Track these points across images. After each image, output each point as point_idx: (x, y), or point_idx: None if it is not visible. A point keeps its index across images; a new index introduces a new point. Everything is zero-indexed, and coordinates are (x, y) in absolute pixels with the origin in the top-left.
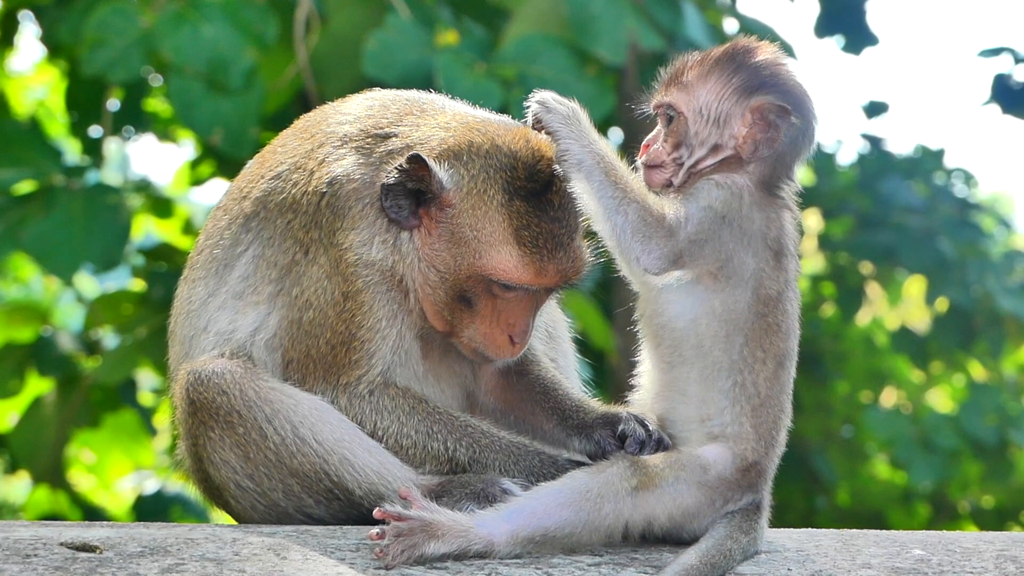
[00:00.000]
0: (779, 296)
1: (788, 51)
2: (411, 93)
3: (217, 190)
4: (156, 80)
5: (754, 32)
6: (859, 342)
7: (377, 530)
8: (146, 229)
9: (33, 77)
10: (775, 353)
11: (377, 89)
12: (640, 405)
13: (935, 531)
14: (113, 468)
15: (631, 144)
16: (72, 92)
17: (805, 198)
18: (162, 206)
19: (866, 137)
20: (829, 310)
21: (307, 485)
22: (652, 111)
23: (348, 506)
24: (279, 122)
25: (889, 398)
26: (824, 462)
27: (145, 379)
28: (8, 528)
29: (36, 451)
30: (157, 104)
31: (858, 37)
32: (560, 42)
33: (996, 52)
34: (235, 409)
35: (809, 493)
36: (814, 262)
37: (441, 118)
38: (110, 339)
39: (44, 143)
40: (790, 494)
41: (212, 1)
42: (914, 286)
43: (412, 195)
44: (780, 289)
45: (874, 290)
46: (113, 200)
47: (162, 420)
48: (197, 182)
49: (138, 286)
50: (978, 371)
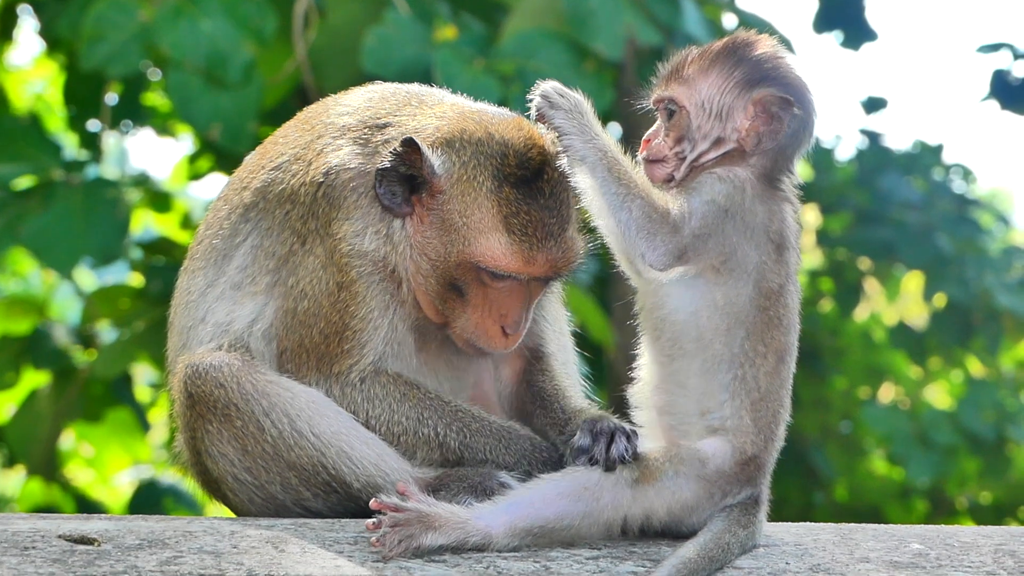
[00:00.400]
0: (780, 289)
1: (787, 46)
2: (412, 86)
3: (215, 185)
4: (155, 74)
5: (753, 27)
6: (857, 338)
7: (374, 520)
8: (145, 223)
9: (32, 71)
10: (776, 347)
11: (379, 82)
12: (640, 398)
13: (933, 525)
14: (111, 462)
15: (630, 139)
16: (71, 86)
17: (804, 193)
18: (161, 200)
19: (865, 133)
20: (827, 306)
21: (305, 478)
22: (652, 106)
23: (346, 499)
24: (277, 117)
25: (887, 394)
26: (822, 458)
27: (142, 373)
28: (6, 521)
29: (31, 444)
30: (156, 98)
31: (857, 32)
32: (558, 37)
33: (995, 48)
34: (233, 402)
35: (807, 488)
36: (812, 258)
37: (438, 108)
38: (107, 333)
39: (43, 138)
40: (788, 490)
41: None
42: (912, 282)
43: (405, 181)
44: (782, 282)
45: (872, 286)
46: (112, 194)
47: (158, 415)
48: (195, 176)
49: (136, 280)
50: (976, 367)
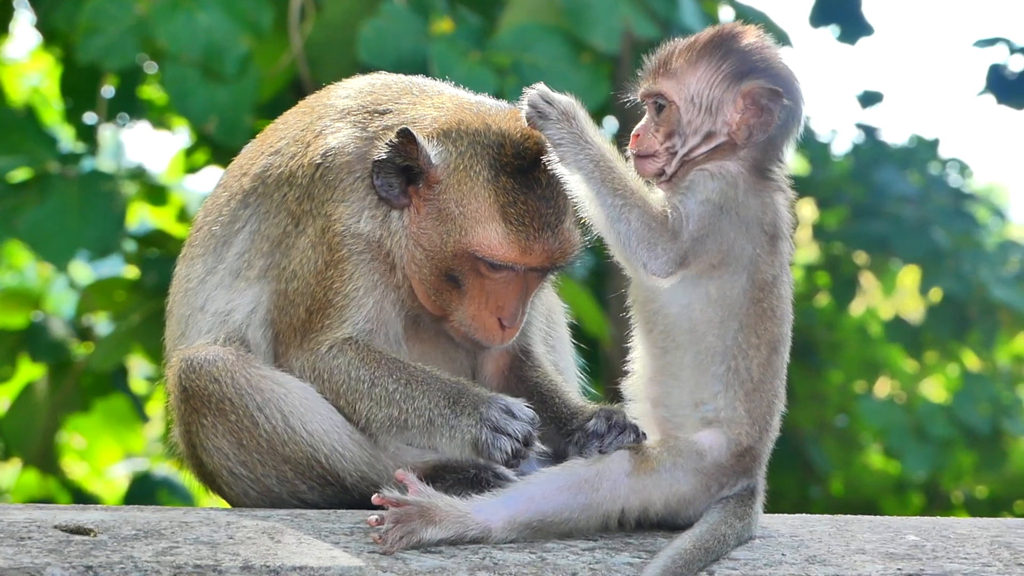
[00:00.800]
0: (774, 281)
1: (783, 40)
2: (414, 77)
3: (212, 178)
4: (151, 67)
5: (750, 20)
6: (853, 332)
7: (376, 516)
8: (141, 216)
9: (28, 64)
10: (769, 338)
11: (383, 72)
12: (634, 390)
13: (929, 517)
14: (103, 454)
15: (626, 132)
16: (67, 79)
17: (800, 188)
18: (157, 193)
19: (861, 127)
20: (823, 300)
21: (300, 472)
22: (640, 100)
23: (341, 491)
24: (274, 110)
25: (883, 388)
26: (818, 452)
27: (137, 366)
28: (2, 511)
29: (27, 436)
30: (152, 91)
31: (853, 27)
32: (555, 30)
33: (991, 42)
34: (227, 397)
35: (803, 482)
36: (808, 252)
37: (437, 99)
38: (102, 326)
39: (39, 130)
40: (784, 483)
41: None
42: (908, 276)
43: (402, 173)
44: (775, 273)
45: (868, 280)
46: (108, 187)
47: (155, 407)
48: (192, 170)
49: (132, 273)
50: (972, 361)
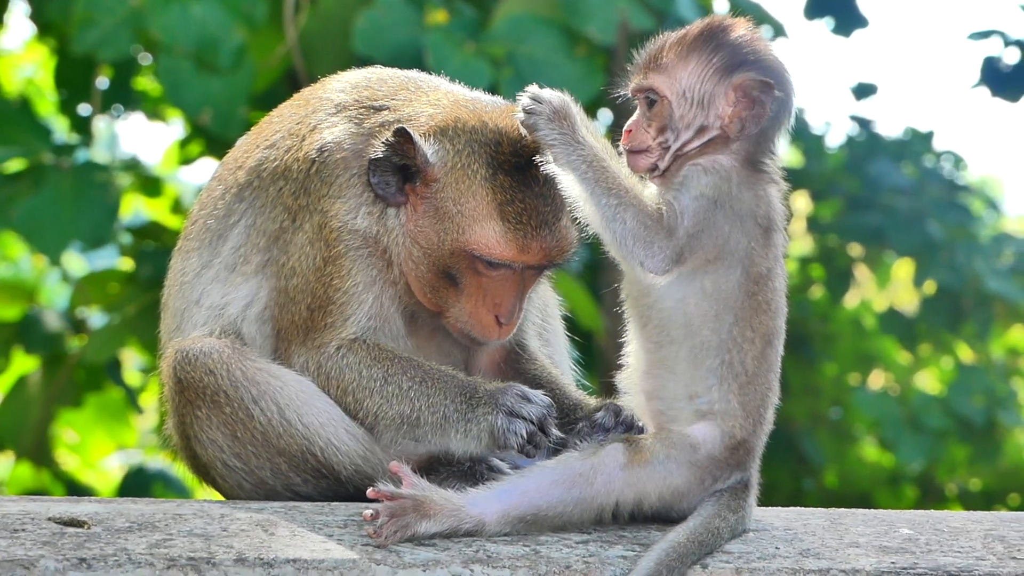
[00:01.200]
0: (768, 273)
1: (778, 31)
2: (410, 72)
3: (206, 169)
4: (145, 59)
5: (745, 12)
6: (847, 324)
7: (371, 511)
8: (135, 208)
9: (22, 55)
10: (764, 332)
11: (378, 66)
12: (628, 383)
13: (923, 510)
14: (96, 448)
15: (621, 124)
16: (61, 70)
17: (794, 180)
18: (151, 185)
19: (855, 119)
20: (817, 292)
21: (294, 464)
22: (631, 95)
23: (335, 484)
24: (268, 101)
25: (877, 381)
26: (812, 444)
27: (130, 359)
28: None
29: (21, 429)
30: (146, 83)
31: (848, 19)
32: (550, 21)
33: (986, 35)
34: (222, 389)
35: (797, 475)
36: (802, 244)
37: (433, 96)
38: (96, 318)
39: (33, 121)
40: (777, 476)
41: None
42: (902, 268)
43: (399, 171)
44: (770, 266)
45: (862, 272)
46: (102, 179)
47: (149, 399)
48: (186, 161)
49: (126, 264)
50: (966, 353)
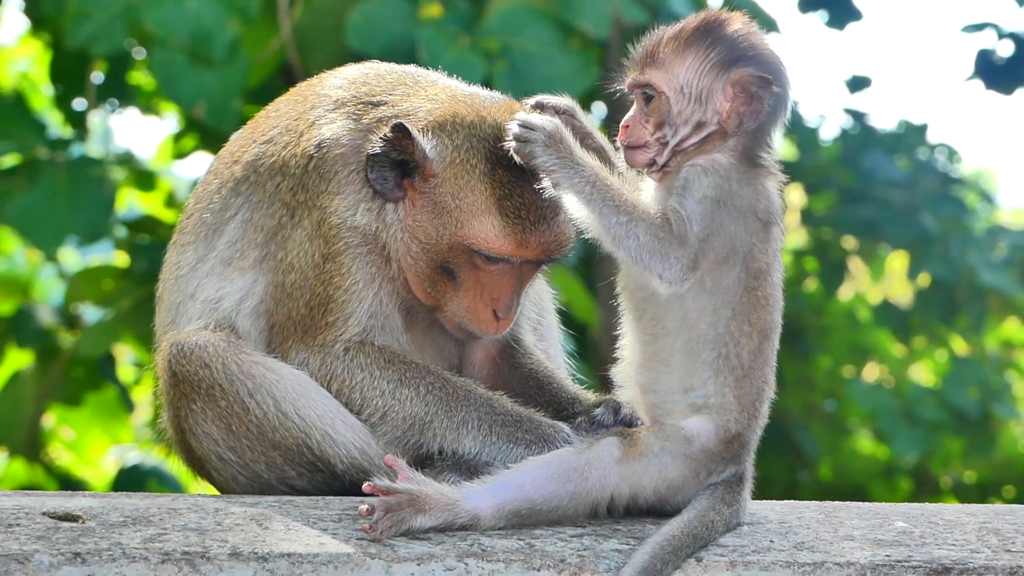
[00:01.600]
0: (767, 268)
1: (771, 26)
2: (407, 67)
3: (200, 163)
4: (139, 53)
5: (738, 6)
6: (842, 317)
7: (367, 505)
8: (129, 202)
9: (17, 50)
10: (761, 326)
11: (376, 61)
12: (623, 376)
13: (918, 503)
14: (93, 446)
15: (615, 118)
16: (56, 65)
17: (788, 173)
18: (145, 179)
19: (849, 112)
20: (812, 285)
21: (289, 458)
22: (627, 90)
23: (331, 478)
24: (262, 95)
25: (871, 373)
26: (806, 437)
27: (124, 354)
28: None
29: (14, 425)
30: (140, 77)
31: (842, 12)
32: (544, 15)
33: (979, 27)
34: (217, 382)
35: (791, 468)
36: (797, 237)
37: (431, 91)
38: (91, 313)
39: (28, 116)
40: (772, 469)
41: None
42: (897, 261)
43: (397, 166)
44: (769, 261)
45: (857, 265)
46: (97, 173)
47: (142, 395)
48: (180, 155)
49: (121, 259)
50: (960, 346)
